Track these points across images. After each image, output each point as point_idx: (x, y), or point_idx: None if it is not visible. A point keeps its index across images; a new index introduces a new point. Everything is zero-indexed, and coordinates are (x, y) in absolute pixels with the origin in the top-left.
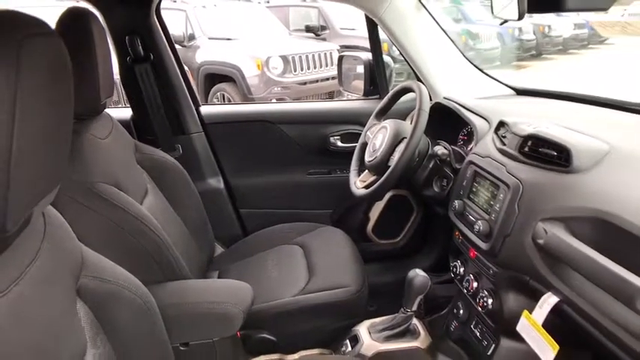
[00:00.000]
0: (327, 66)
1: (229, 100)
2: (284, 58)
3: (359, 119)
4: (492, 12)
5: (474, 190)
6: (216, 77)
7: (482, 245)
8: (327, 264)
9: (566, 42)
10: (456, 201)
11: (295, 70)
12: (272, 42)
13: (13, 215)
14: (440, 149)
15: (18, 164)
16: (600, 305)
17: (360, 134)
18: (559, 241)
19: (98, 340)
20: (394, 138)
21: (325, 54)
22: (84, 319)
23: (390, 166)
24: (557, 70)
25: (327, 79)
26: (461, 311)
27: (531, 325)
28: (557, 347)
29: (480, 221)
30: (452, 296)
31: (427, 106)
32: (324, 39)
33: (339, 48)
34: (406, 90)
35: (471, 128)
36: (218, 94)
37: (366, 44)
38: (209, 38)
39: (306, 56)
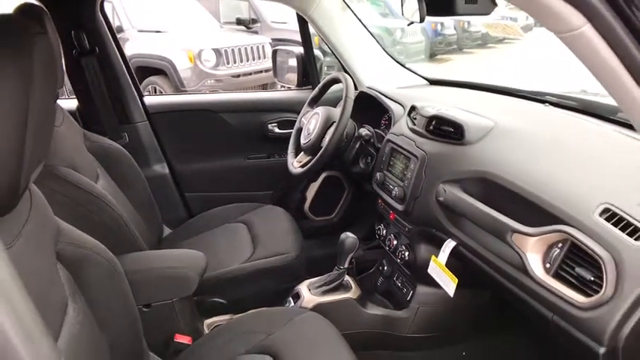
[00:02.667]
0: (259, 59)
1: (161, 94)
2: (216, 51)
3: (294, 107)
4: (402, 14)
5: (392, 163)
6: (147, 70)
7: (399, 207)
8: (269, 236)
9: (485, 37)
10: (377, 173)
11: (228, 63)
12: (203, 35)
13: (24, 177)
14: (364, 131)
15: (29, 136)
16: (485, 243)
17: (295, 121)
18: (455, 198)
19: (77, 297)
20: (325, 122)
21: (258, 47)
22: (63, 279)
23: (322, 147)
24: (475, 63)
25: (261, 71)
26: (385, 267)
27: (438, 267)
28: (456, 280)
29: (396, 188)
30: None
31: (352, 94)
32: (255, 32)
33: (271, 41)
34: (334, 81)
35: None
36: (149, 87)
37: (298, 37)
38: (138, 31)
39: (239, 49)
